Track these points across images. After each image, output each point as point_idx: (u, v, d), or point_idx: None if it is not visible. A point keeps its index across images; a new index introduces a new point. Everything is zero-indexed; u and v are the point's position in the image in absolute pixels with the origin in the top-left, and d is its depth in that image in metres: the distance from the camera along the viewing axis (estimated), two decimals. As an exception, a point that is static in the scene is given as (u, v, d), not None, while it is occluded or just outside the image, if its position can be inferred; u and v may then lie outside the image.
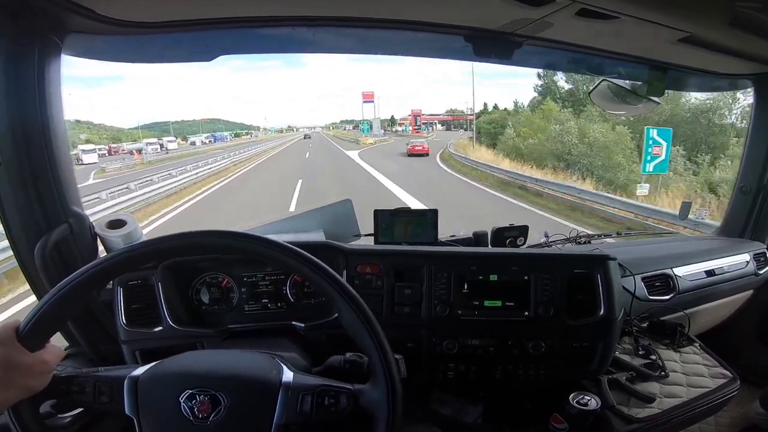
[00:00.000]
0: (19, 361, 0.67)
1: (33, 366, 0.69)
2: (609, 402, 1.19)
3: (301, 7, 1.24)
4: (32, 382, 0.70)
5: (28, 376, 0.69)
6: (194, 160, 23.17)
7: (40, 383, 0.71)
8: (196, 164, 20.53)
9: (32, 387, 0.70)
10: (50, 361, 0.72)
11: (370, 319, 0.77)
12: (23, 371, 0.68)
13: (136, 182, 14.49)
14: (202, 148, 48.35)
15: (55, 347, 0.75)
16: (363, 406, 0.77)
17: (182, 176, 16.73)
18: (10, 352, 0.67)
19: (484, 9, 1.26)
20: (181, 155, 36.23)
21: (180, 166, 19.68)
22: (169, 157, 34.87)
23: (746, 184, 2.05)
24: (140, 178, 15.74)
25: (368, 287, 1.24)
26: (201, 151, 43.01)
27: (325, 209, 1.67)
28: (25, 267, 1.17)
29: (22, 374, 0.68)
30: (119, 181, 15.42)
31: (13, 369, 0.66)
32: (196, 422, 0.72)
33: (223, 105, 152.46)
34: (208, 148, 49.17)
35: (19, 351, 0.68)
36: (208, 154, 32.49)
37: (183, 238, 0.80)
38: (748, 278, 1.93)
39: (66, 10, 1.00)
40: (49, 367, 0.72)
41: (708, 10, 1.19)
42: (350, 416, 0.77)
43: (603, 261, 1.25)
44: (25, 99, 1.05)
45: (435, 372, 1.27)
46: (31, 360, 0.69)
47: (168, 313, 1.19)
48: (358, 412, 0.77)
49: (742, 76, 1.88)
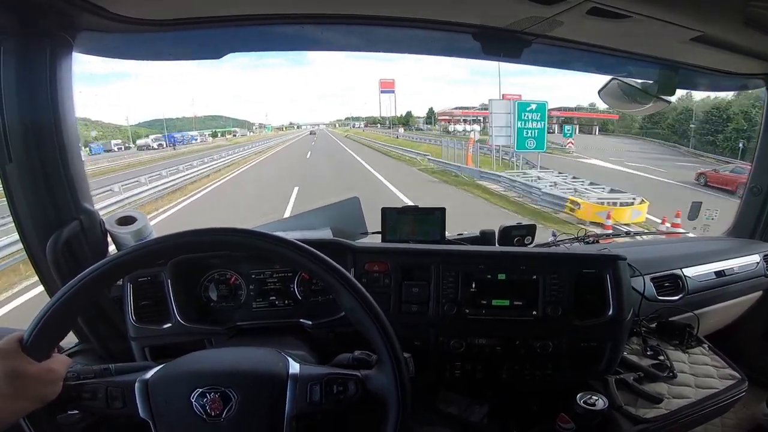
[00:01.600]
0: (26, 372, 0.68)
1: (41, 375, 0.70)
2: (616, 402, 1.18)
3: (310, 4, 1.25)
4: (43, 392, 0.70)
5: (38, 385, 0.69)
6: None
7: (51, 392, 0.71)
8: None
9: (44, 396, 0.70)
10: (58, 370, 0.73)
11: (370, 303, 0.78)
12: (32, 381, 0.68)
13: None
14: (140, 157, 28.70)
15: (62, 356, 0.77)
16: (372, 391, 0.78)
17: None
18: (15, 364, 0.67)
19: (494, 7, 1.26)
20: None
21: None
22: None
23: (757, 184, 2.04)
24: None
25: (376, 285, 1.24)
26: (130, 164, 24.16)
27: (332, 207, 1.67)
28: (36, 263, 1.19)
29: (32, 384, 0.68)
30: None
31: (20, 380, 0.67)
32: (210, 420, 0.74)
33: (224, 102, 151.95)
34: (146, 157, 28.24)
35: (25, 362, 0.68)
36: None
37: (178, 238, 0.80)
38: (758, 279, 1.91)
39: (77, 8, 1.01)
40: (58, 375, 0.73)
41: (721, 10, 1.18)
42: (360, 403, 0.78)
43: (613, 261, 1.24)
44: (37, 97, 1.06)
45: (442, 371, 1.27)
46: (39, 370, 0.70)
47: (177, 310, 1.19)
48: (367, 398, 0.78)
49: (754, 76, 1.86)
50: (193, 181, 15.52)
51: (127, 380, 0.77)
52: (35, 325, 0.71)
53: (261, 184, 15.52)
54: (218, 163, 20.90)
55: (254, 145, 37.08)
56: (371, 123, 73.68)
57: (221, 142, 48.87)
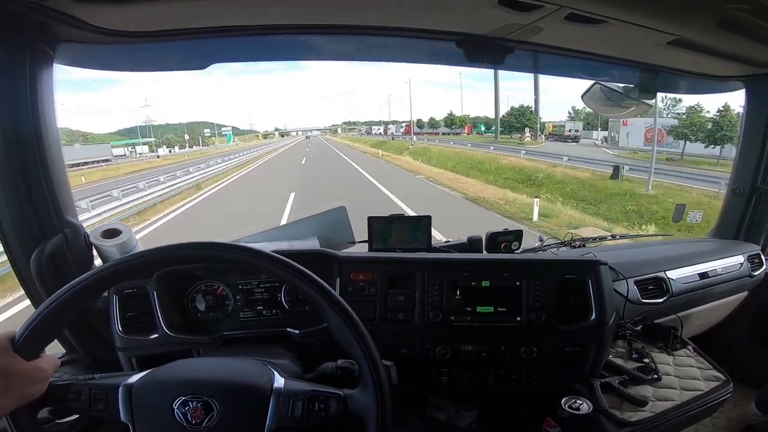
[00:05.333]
0: (15, 370, 0.69)
1: (29, 374, 0.71)
2: (601, 406, 1.19)
3: (295, 15, 1.25)
4: (29, 390, 0.71)
5: (25, 383, 0.71)
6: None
7: (36, 390, 0.73)
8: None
9: (29, 394, 0.71)
10: (46, 369, 0.74)
11: (357, 325, 0.79)
12: (20, 379, 0.70)
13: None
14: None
15: (50, 356, 0.77)
16: (352, 410, 0.78)
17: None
18: (6, 361, 0.69)
19: (475, 15, 1.27)
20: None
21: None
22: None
23: (739, 185, 2.07)
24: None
25: (362, 294, 1.24)
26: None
27: (319, 216, 1.67)
28: (21, 276, 1.18)
29: (19, 382, 0.70)
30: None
31: (9, 377, 0.68)
32: (190, 428, 0.74)
33: (211, 108, 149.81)
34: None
35: (15, 360, 0.70)
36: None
37: (160, 252, 0.81)
38: (742, 280, 1.94)
39: (57, 21, 1.01)
40: (46, 375, 0.74)
41: (696, 13, 1.19)
42: (341, 421, 0.78)
43: (594, 266, 1.26)
44: (18, 109, 1.06)
45: (428, 377, 1.27)
46: (28, 368, 0.71)
47: (163, 321, 1.19)
48: (348, 417, 0.78)
49: (733, 78, 1.89)
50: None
51: (112, 383, 0.78)
52: (28, 325, 0.72)
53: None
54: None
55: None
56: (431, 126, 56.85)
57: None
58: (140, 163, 33.78)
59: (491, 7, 1.13)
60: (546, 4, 1.10)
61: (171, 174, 17.96)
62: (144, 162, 34.21)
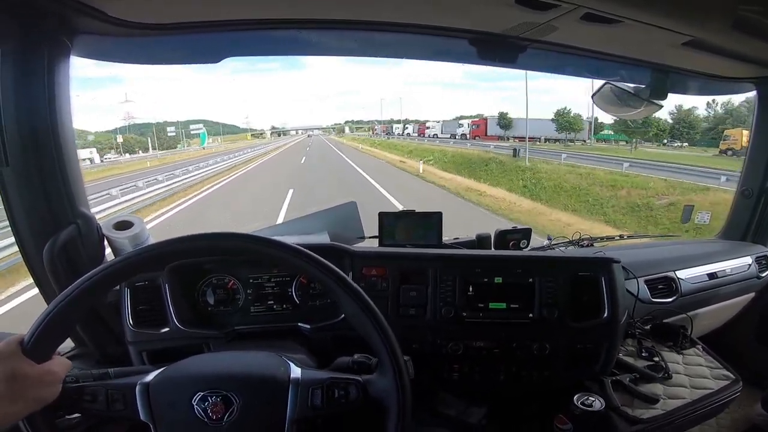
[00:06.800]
0: (25, 374, 0.67)
1: (41, 377, 0.69)
2: (613, 403, 1.19)
3: (307, 10, 1.25)
4: (42, 394, 0.69)
5: (38, 387, 0.69)
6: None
7: (50, 394, 0.71)
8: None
9: (42, 399, 0.70)
10: (58, 372, 0.72)
11: (372, 310, 0.78)
12: (31, 383, 0.68)
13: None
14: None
15: (62, 358, 0.76)
16: (373, 395, 0.78)
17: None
18: (15, 366, 0.67)
19: (489, 12, 1.26)
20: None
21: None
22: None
23: (748, 187, 2.07)
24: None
25: (374, 289, 1.25)
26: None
27: (330, 211, 1.67)
28: (32, 268, 1.18)
29: (31, 386, 0.68)
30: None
31: (20, 382, 0.66)
32: (212, 424, 0.73)
33: (210, 106, 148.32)
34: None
35: (25, 363, 0.68)
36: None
37: (175, 243, 0.80)
38: (750, 281, 1.94)
39: (76, 12, 1.01)
40: (58, 377, 0.72)
41: (711, 14, 1.19)
42: (362, 407, 0.78)
43: (607, 264, 1.26)
44: (35, 100, 1.06)
45: (440, 373, 1.27)
46: (39, 371, 0.69)
47: (174, 315, 1.19)
48: (368, 402, 0.78)
49: (744, 80, 1.88)
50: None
51: (128, 383, 0.77)
52: (36, 327, 0.71)
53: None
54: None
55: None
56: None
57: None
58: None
59: (508, 5, 1.13)
60: (563, 3, 1.09)
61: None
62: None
